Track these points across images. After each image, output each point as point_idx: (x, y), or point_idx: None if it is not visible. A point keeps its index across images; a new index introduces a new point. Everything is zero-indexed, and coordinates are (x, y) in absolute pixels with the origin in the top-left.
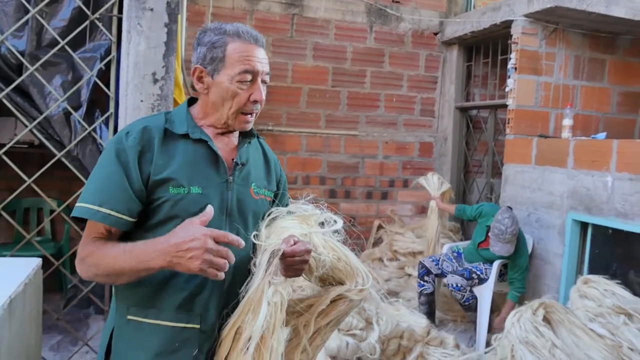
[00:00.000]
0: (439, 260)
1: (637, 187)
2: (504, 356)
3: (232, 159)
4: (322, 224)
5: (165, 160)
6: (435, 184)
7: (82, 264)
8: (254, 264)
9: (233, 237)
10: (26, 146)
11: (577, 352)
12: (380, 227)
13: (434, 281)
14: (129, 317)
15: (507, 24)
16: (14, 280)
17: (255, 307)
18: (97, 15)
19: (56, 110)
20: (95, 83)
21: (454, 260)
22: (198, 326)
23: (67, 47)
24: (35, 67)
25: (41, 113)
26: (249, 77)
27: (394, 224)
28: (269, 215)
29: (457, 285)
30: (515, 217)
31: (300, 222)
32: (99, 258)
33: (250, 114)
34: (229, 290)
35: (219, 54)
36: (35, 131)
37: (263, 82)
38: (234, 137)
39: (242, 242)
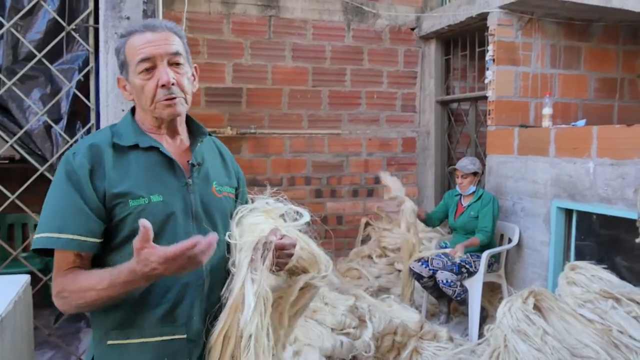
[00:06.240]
0: (427, 262)
1: (619, 172)
2: (497, 346)
3: (187, 161)
4: (282, 216)
5: (119, 173)
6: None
7: (59, 298)
8: (232, 264)
9: (188, 243)
10: (7, 161)
11: (568, 338)
12: (367, 224)
13: (430, 277)
14: (110, 342)
15: (483, 16)
16: (4, 298)
17: (242, 307)
18: (73, 26)
19: (36, 124)
20: (74, 95)
21: (442, 256)
22: (185, 336)
23: (44, 60)
24: (12, 81)
25: (21, 128)
26: (146, 65)
27: (381, 220)
28: (236, 213)
29: (447, 281)
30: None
31: (266, 216)
32: (78, 291)
33: (170, 99)
34: (210, 294)
35: (122, 57)
36: (16, 146)
37: (173, 63)
38: (185, 138)
39: (210, 241)
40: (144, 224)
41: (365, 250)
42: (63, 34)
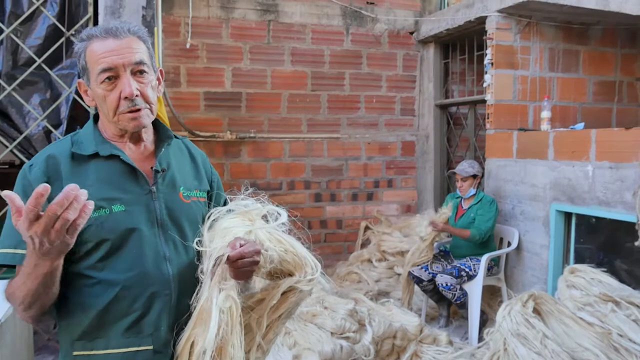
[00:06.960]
0: (427, 265)
1: (617, 175)
2: (496, 350)
3: (151, 167)
4: (265, 217)
5: (77, 184)
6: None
7: (17, 311)
8: (202, 272)
9: (31, 199)
10: (7, 166)
11: (568, 341)
12: (367, 228)
13: (430, 281)
14: (75, 353)
15: (481, 20)
16: (4, 303)
17: (207, 317)
18: (72, 31)
19: (36, 129)
20: (74, 100)
21: (442, 260)
22: (151, 347)
23: (43, 65)
24: (12, 86)
25: (21, 133)
26: (107, 74)
27: (381, 224)
28: (209, 217)
29: (447, 285)
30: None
31: (242, 218)
32: (13, 293)
33: (134, 111)
34: (178, 303)
35: (82, 62)
36: (16, 151)
37: (138, 72)
38: (149, 143)
39: (67, 194)
40: (6, 194)
41: (364, 254)
42: (62, 39)
